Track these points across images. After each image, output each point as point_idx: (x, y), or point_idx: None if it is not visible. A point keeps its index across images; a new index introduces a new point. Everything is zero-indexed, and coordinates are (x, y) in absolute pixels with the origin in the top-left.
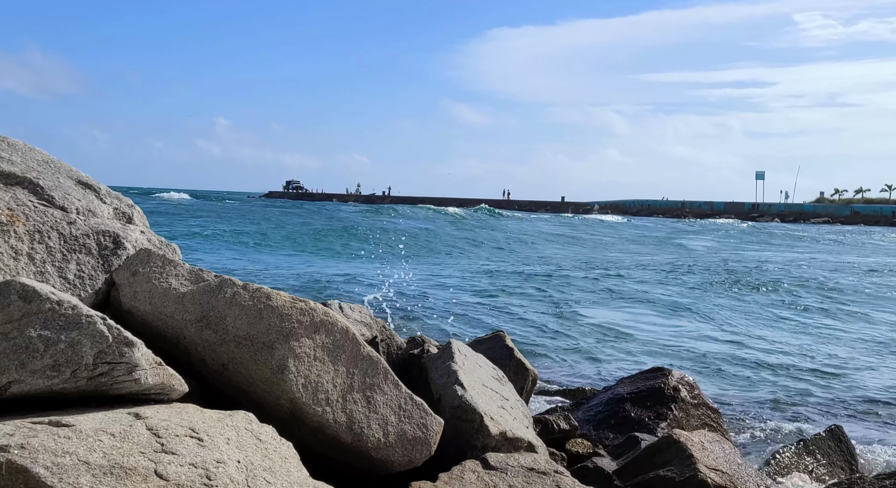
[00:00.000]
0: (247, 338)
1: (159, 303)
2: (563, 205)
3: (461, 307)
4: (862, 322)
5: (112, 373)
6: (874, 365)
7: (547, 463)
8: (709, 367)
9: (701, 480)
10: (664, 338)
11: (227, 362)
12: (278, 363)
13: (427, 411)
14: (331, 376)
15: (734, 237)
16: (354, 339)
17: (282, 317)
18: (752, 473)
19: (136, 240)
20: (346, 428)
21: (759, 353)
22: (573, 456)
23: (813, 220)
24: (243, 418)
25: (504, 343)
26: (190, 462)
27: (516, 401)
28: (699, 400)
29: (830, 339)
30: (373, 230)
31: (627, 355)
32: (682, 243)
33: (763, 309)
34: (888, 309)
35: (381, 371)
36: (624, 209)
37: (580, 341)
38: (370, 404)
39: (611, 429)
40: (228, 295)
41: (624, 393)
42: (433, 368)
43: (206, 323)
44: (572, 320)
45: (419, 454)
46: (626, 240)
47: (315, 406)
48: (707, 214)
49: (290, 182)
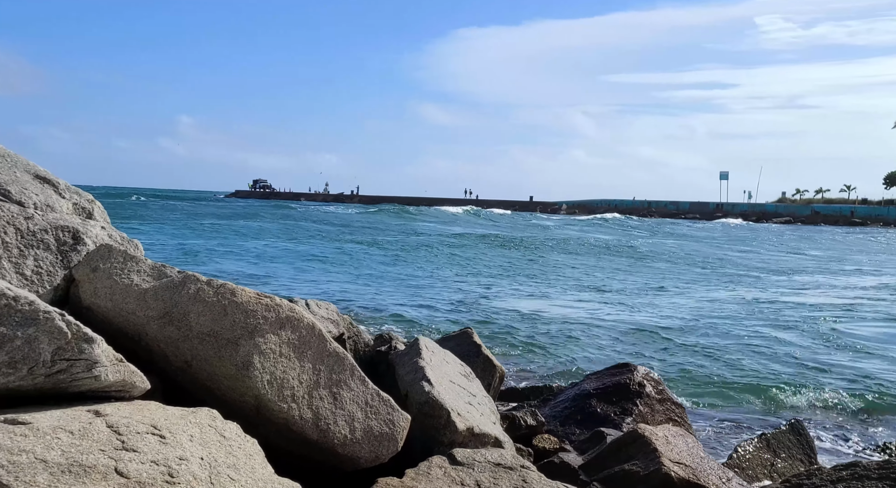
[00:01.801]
0: (211, 335)
1: (120, 299)
2: (531, 204)
3: (430, 310)
4: (815, 311)
5: (71, 370)
6: (840, 358)
7: (514, 459)
8: (673, 361)
9: (665, 474)
10: (628, 332)
11: (191, 359)
12: (243, 359)
13: (394, 407)
14: (297, 372)
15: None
16: (321, 335)
17: (247, 314)
18: (714, 466)
19: (97, 236)
20: (312, 425)
21: (722, 347)
22: (540, 452)
23: (775, 220)
24: (207, 415)
25: (472, 340)
26: (151, 459)
27: (483, 397)
28: (664, 396)
29: (793, 331)
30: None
31: (595, 350)
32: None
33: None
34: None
35: (347, 367)
36: (592, 209)
37: (546, 337)
38: (336, 400)
39: (577, 425)
40: (192, 291)
41: (590, 389)
42: (400, 365)
43: (169, 319)
44: (537, 317)
45: (386, 450)
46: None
47: (280, 402)
48: (673, 214)
49: (258, 181)
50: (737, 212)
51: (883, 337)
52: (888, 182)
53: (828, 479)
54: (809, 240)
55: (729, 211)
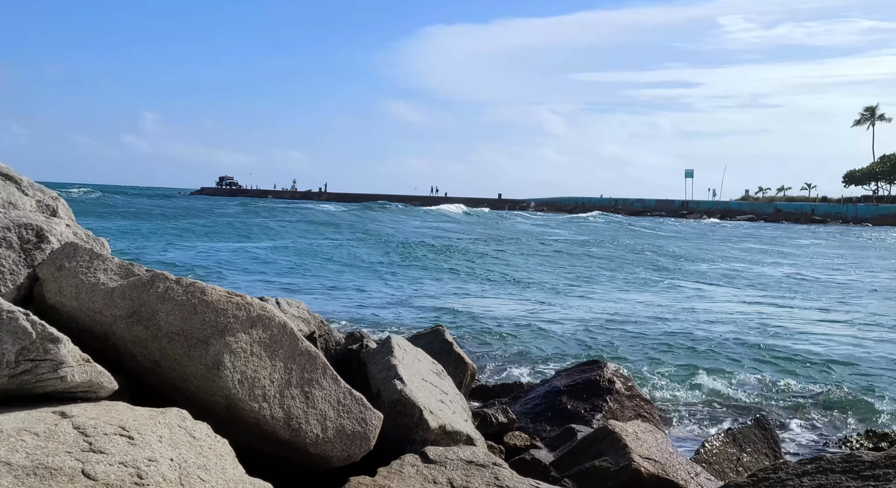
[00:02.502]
0: (180, 334)
1: (87, 298)
2: (500, 202)
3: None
4: (787, 304)
5: (36, 371)
6: (806, 353)
7: (485, 456)
8: (644, 354)
9: (634, 469)
10: (598, 328)
11: (160, 359)
12: (213, 359)
13: (366, 406)
14: (268, 372)
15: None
16: (292, 334)
17: (217, 312)
18: (683, 461)
19: (62, 234)
20: (284, 424)
21: (689, 341)
22: (511, 449)
23: (738, 217)
24: (176, 415)
25: (443, 337)
26: (120, 461)
27: (455, 395)
28: (633, 392)
29: (760, 325)
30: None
31: (567, 347)
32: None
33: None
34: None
35: (319, 366)
36: (560, 206)
37: (517, 335)
38: (308, 399)
39: (548, 422)
40: (161, 289)
41: (560, 385)
42: (372, 363)
43: (137, 318)
44: (509, 316)
45: (358, 449)
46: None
47: (252, 402)
48: (639, 212)
49: (224, 178)
50: (701, 209)
51: (830, 333)
52: (847, 180)
53: (793, 473)
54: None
55: (694, 208)
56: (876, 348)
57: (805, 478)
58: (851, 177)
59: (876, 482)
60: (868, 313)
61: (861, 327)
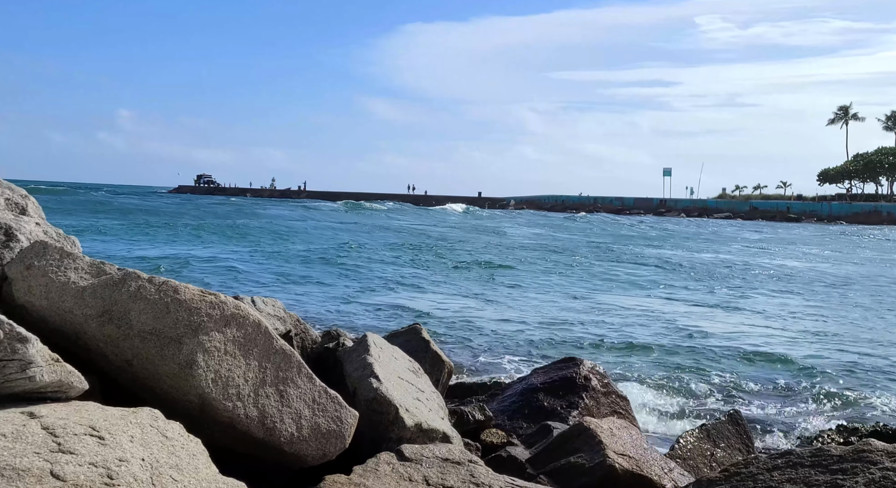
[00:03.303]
0: (153, 333)
1: (57, 297)
2: (480, 200)
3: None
4: (755, 301)
5: (4, 371)
6: (777, 349)
7: (461, 454)
8: (618, 351)
9: (609, 466)
10: (577, 325)
11: (132, 358)
12: (186, 358)
13: (342, 404)
14: (242, 370)
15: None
16: (267, 333)
17: (190, 311)
18: (657, 457)
19: (31, 232)
20: (258, 423)
21: (663, 339)
22: (488, 446)
23: (716, 215)
24: (148, 415)
25: (420, 335)
26: (90, 461)
27: (432, 393)
28: (609, 389)
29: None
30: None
31: (543, 344)
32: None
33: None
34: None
35: (294, 364)
36: (539, 204)
37: (496, 332)
38: (283, 398)
39: (524, 419)
40: (133, 288)
41: (537, 383)
42: (348, 361)
43: (109, 317)
44: (486, 313)
45: (333, 447)
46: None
47: (225, 401)
48: (618, 210)
49: (202, 176)
50: (679, 207)
51: (805, 331)
52: (821, 178)
53: (764, 467)
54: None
55: (672, 206)
56: (847, 345)
57: (775, 473)
58: (826, 176)
59: (843, 475)
60: (836, 309)
61: (830, 323)
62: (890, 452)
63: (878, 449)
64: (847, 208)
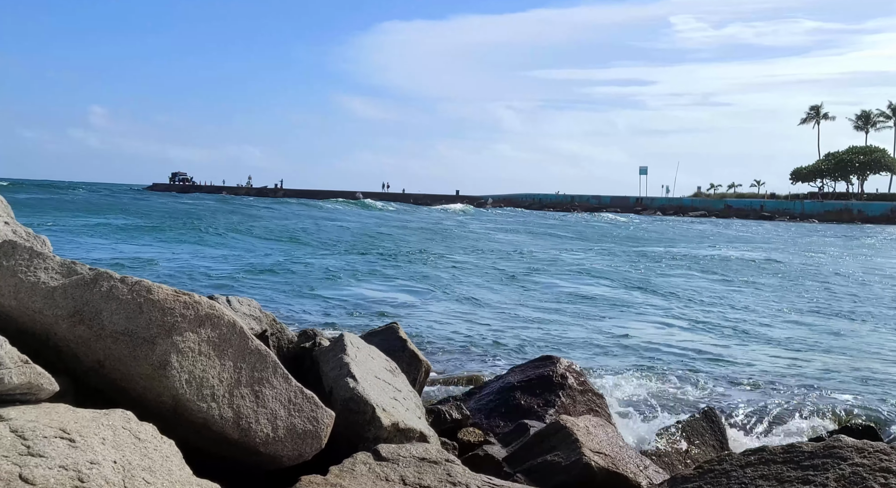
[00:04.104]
0: (125, 334)
1: (26, 297)
2: (458, 198)
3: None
4: (733, 301)
5: None
6: (752, 343)
7: (438, 453)
8: (595, 349)
9: (585, 463)
10: (554, 325)
11: (104, 359)
12: (160, 359)
13: (318, 404)
14: (217, 371)
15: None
16: (242, 333)
17: (164, 311)
18: (633, 455)
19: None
20: (233, 424)
21: (639, 337)
22: (465, 445)
23: (691, 214)
24: (121, 417)
25: (397, 335)
26: (60, 464)
27: (409, 392)
28: (585, 387)
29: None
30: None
31: (521, 342)
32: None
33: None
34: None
35: (269, 364)
36: (517, 202)
37: (472, 331)
38: (258, 399)
39: (501, 417)
40: (104, 288)
41: (514, 381)
42: (325, 361)
43: (80, 318)
44: (464, 312)
45: (309, 447)
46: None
47: (200, 402)
48: (595, 208)
49: (177, 174)
50: (656, 206)
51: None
52: (794, 177)
53: (737, 464)
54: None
55: (648, 205)
56: (820, 340)
57: (748, 469)
58: (798, 175)
59: (815, 471)
60: (809, 304)
61: (803, 319)
62: (860, 448)
63: (848, 445)
64: (819, 206)
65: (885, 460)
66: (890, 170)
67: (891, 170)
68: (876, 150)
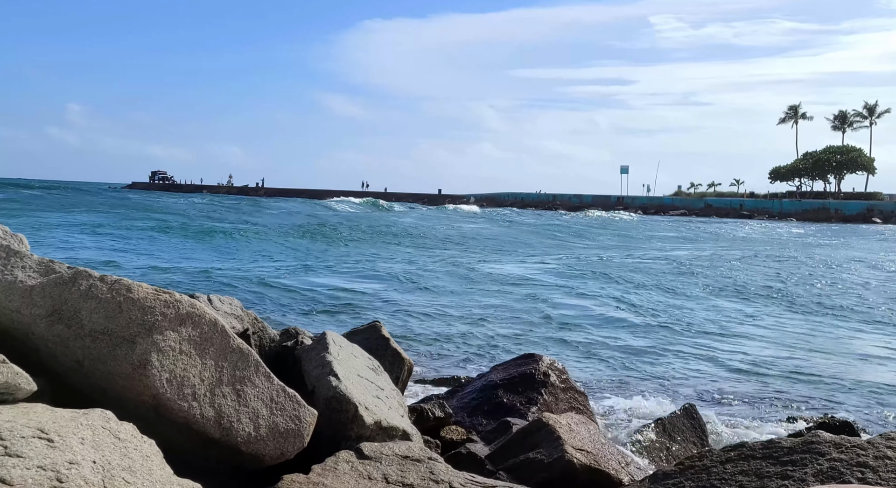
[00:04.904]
0: (105, 333)
1: (3, 297)
2: (441, 197)
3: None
4: (713, 298)
5: None
6: (732, 340)
7: (421, 451)
8: (576, 350)
9: (568, 460)
10: (535, 321)
11: (83, 358)
12: (140, 358)
13: (300, 403)
14: (198, 370)
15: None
16: (223, 332)
17: (144, 310)
18: (614, 452)
19: None
20: (215, 423)
21: (622, 334)
22: (447, 443)
23: (671, 213)
24: (100, 416)
25: (380, 333)
26: (38, 464)
27: (392, 391)
28: (567, 385)
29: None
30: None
31: (501, 340)
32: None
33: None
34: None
35: (251, 363)
36: (499, 202)
37: (453, 329)
38: (240, 397)
39: (484, 416)
40: (83, 287)
41: (497, 379)
42: (307, 360)
43: (59, 317)
44: (445, 310)
45: (292, 446)
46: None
47: (181, 401)
48: (576, 207)
49: (157, 172)
50: (636, 205)
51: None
52: (773, 176)
53: (717, 460)
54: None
55: (629, 204)
56: (800, 338)
57: (728, 465)
58: (777, 174)
59: (793, 466)
60: (785, 299)
61: (781, 313)
62: (837, 444)
63: (826, 440)
64: (797, 205)
65: (861, 455)
66: (866, 169)
67: (867, 170)
68: (852, 150)
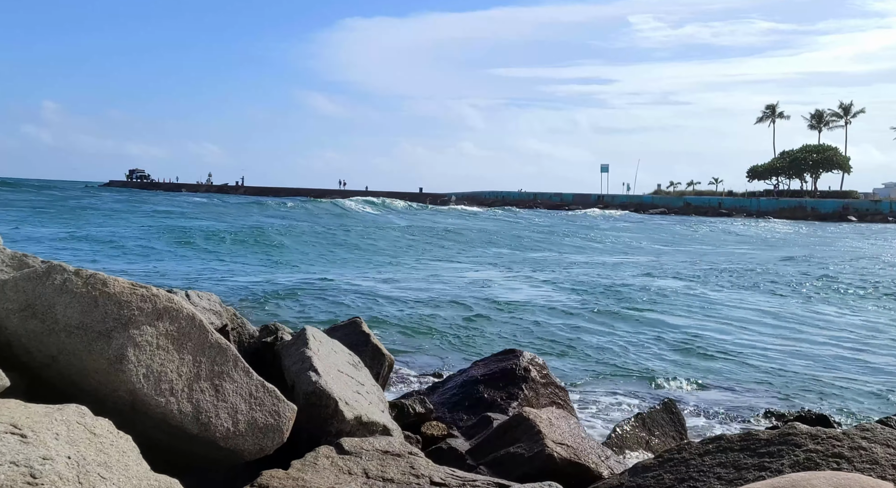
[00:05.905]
0: (80, 328)
1: None
2: (422, 196)
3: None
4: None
5: None
6: (711, 334)
7: (401, 446)
8: (557, 345)
9: (548, 454)
10: (518, 319)
11: (57, 353)
12: (116, 353)
13: (279, 398)
14: (175, 365)
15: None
16: (201, 326)
17: (120, 305)
18: (594, 446)
19: None
20: (193, 419)
21: (602, 329)
22: (428, 439)
23: (651, 211)
24: (75, 412)
25: (360, 329)
26: (10, 460)
27: (372, 386)
28: (548, 380)
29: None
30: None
31: (483, 337)
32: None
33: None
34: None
35: (230, 358)
36: (480, 200)
37: (436, 325)
38: (219, 393)
39: (465, 411)
40: (58, 281)
41: (477, 375)
42: (287, 355)
43: (32, 312)
44: (429, 306)
45: (271, 442)
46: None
47: (158, 396)
48: (557, 206)
49: (134, 171)
50: (617, 203)
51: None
52: (751, 175)
53: (696, 453)
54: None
55: (610, 202)
56: (776, 332)
57: (707, 457)
58: (755, 172)
59: (771, 458)
60: (766, 293)
61: (762, 309)
62: (813, 435)
63: (802, 432)
64: (774, 204)
65: (837, 446)
66: (841, 168)
67: (842, 169)
68: (828, 149)
